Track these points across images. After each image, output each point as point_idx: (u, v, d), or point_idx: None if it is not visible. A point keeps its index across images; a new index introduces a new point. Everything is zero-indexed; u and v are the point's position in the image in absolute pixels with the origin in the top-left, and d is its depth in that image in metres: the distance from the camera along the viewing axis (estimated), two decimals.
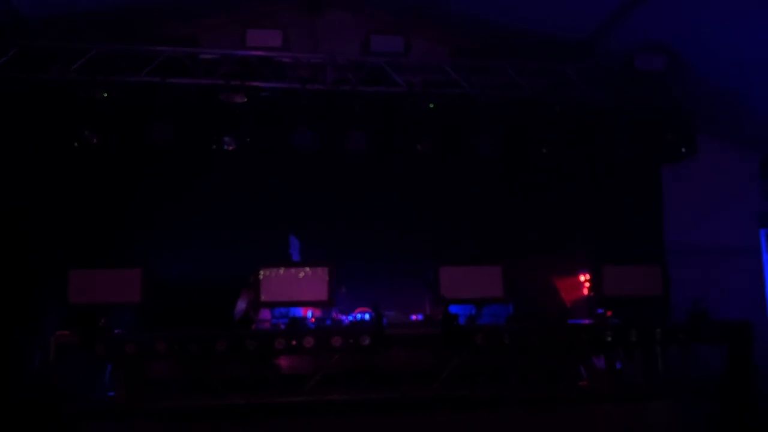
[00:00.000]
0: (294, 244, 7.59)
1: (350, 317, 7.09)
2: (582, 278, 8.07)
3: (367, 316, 6.93)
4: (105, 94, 7.48)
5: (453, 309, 6.18)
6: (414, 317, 7.08)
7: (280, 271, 6.57)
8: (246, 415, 5.96)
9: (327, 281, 6.37)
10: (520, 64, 8.22)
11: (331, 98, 7.97)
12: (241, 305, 6.75)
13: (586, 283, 7.94)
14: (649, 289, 6.71)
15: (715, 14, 7.12)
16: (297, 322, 6.40)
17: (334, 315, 7.04)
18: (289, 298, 6.58)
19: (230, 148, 7.78)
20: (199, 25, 8.23)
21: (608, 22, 7.85)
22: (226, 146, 7.76)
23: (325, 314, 7.01)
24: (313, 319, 6.91)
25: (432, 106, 8.09)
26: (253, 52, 7.76)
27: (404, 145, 8.09)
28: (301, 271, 6.51)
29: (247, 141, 7.81)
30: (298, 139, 7.84)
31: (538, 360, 6.49)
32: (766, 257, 8.93)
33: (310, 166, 8.24)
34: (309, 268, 6.50)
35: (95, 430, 5.86)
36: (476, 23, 8.41)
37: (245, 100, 7.77)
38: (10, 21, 7.21)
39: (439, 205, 8.53)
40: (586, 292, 7.91)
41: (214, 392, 6.00)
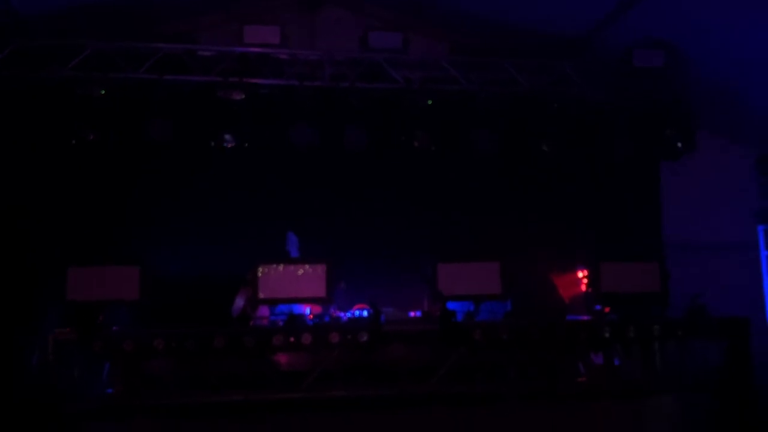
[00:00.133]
0: (292, 241, 7.59)
1: (348, 314, 7.10)
2: (580, 274, 8.07)
3: (365, 313, 6.93)
4: (102, 92, 7.48)
5: (451, 305, 6.20)
6: (412, 314, 7.09)
7: (279, 268, 6.57)
8: (244, 411, 5.96)
9: (325, 278, 6.38)
10: (518, 61, 8.22)
11: (329, 95, 7.96)
12: (239, 302, 6.74)
13: (585, 280, 7.93)
14: (647, 285, 6.71)
15: (713, 11, 7.10)
16: (295, 319, 6.41)
17: (333, 312, 7.05)
18: (287, 295, 6.58)
19: (229, 146, 7.77)
20: (197, 21, 8.21)
21: (607, 19, 7.84)
22: (225, 144, 7.76)
23: (324, 311, 7.02)
24: (311, 316, 6.91)
25: (430, 103, 8.08)
26: (251, 49, 7.75)
27: (403, 142, 8.08)
28: (300, 268, 6.51)
29: (246, 138, 7.81)
30: (296, 136, 7.84)
31: (536, 356, 6.50)
32: (764, 253, 8.94)
33: (309, 163, 8.23)
34: (307, 265, 6.50)
35: (94, 427, 5.87)
36: (475, 20, 8.40)
37: (243, 97, 7.76)
38: (7, 18, 7.18)
39: (438, 202, 8.52)
40: (585, 288, 7.91)
41: (212, 389, 6.01)
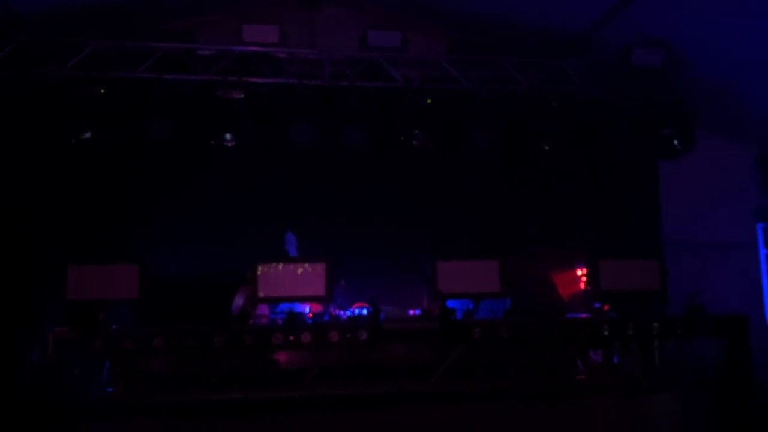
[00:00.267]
0: (291, 241, 7.59)
1: (348, 312, 7.10)
2: (579, 272, 8.08)
3: (364, 312, 6.93)
4: (102, 91, 7.47)
5: (450, 303, 6.20)
6: (412, 312, 7.10)
7: (278, 267, 6.57)
8: (244, 410, 5.96)
9: (324, 277, 6.38)
10: (518, 60, 8.22)
11: (329, 94, 7.96)
12: (238, 301, 6.75)
13: (584, 277, 7.94)
14: (646, 283, 6.72)
15: (712, 9, 7.10)
16: (294, 318, 6.41)
17: (332, 310, 7.06)
18: (286, 294, 6.59)
19: (230, 145, 7.77)
20: (196, 20, 8.20)
21: (606, 18, 7.84)
22: (225, 143, 7.75)
23: (323, 309, 7.03)
24: (310, 315, 6.92)
25: (430, 101, 8.08)
26: (251, 48, 7.75)
27: (402, 141, 8.08)
28: (299, 267, 6.51)
29: (245, 137, 7.81)
30: (295, 135, 7.83)
31: (536, 354, 6.50)
32: (764, 251, 8.94)
33: (308, 162, 8.23)
34: (306, 264, 6.51)
35: (94, 426, 5.86)
36: (473, 18, 8.40)
37: (243, 96, 7.76)
38: (6, 17, 7.18)
39: (437, 200, 8.52)
40: (584, 286, 7.92)
41: (212, 388, 6.01)
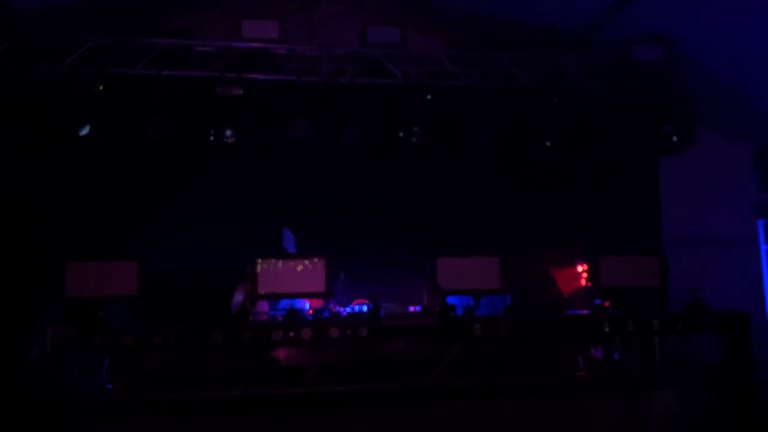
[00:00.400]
0: (288, 238, 7.58)
1: (348, 309, 7.09)
2: (580, 269, 8.06)
3: (365, 308, 6.92)
4: (101, 87, 7.44)
5: (450, 300, 6.19)
6: (412, 308, 7.08)
7: (278, 264, 6.57)
8: (243, 407, 5.96)
9: (324, 273, 6.38)
10: (517, 56, 8.20)
11: (328, 90, 7.94)
12: (238, 297, 6.73)
13: (584, 274, 7.93)
14: (647, 279, 6.73)
15: (712, 5, 7.08)
16: (294, 314, 6.40)
17: (332, 307, 7.04)
18: (286, 290, 6.59)
19: (230, 141, 7.73)
20: (195, 16, 8.17)
21: (606, 14, 7.82)
22: (225, 139, 7.71)
23: (323, 306, 7.01)
24: (310, 311, 6.90)
25: (429, 98, 8.07)
26: (250, 44, 7.72)
27: (401, 138, 8.06)
28: (299, 263, 6.51)
29: (244, 135, 7.77)
30: (295, 132, 7.81)
31: (536, 350, 6.50)
32: (764, 247, 8.93)
33: (308, 160, 8.21)
34: (306, 260, 6.50)
35: (93, 422, 5.86)
36: (473, 15, 8.38)
37: (242, 92, 7.73)
38: (5, 15, 7.15)
39: (437, 196, 8.49)
40: (584, 282, 7.91)
41: (212, 385, 6.00)
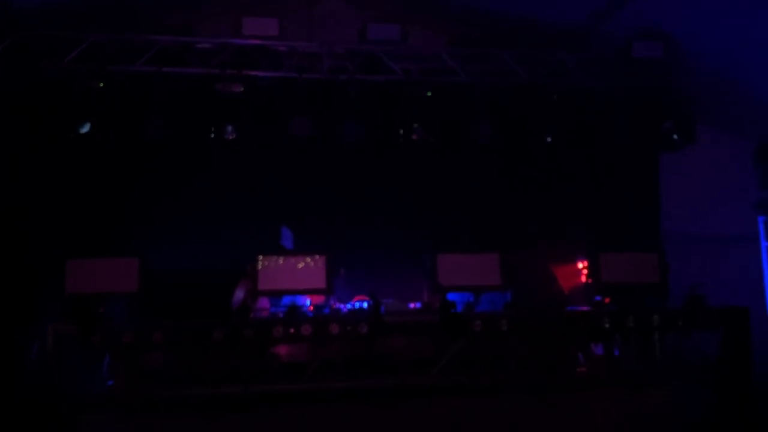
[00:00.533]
0: (286, 234, 7.58)
1: (349, 305, 7.09)
2: (580, 265, 8.07)
3: (365, 305, 6.92)
4: (101, 84, 7.42)
5: (451, 296, 6.20)
6: (412, 305, 7.08)
7: (279, 260, 6.58)
8: (244, 404, 5.97)
9: (325, 269, 6.38)
10: (517, 53, 8.19)
11: (328, 87, 7.93)
12: (239, 294, 6.74)
13: (584, 271, 7.93)
14: (647, 276, 6.73)
15: (713, 3, 7.08)
16: (295, 311, 6.41)
17: (333, 303, 7.05)
18: (287, 287, 6.59)
19: (230, 138, 7.71)
20: (195, 14, 8.15)
21: (606, 10, 7.81)
22: (226, 136, 7.69)
23: (324, 302, 7.02)
24: (311, 308, 6.91)
25: (429, 95, 8.06)
26: (250, 41, 7.71)
27: (402, 135, 8.05)
28: (300, 260, 6.52)
29: (245, 132, 7.75)
30: (295, 129, 7.79)
31: (536, 347, 6.50)
32: (765, 244, 8.93)
33: (308, 158, 8.21)
34: (307, 257, 6.51)
35: (93, 419, 5.87)
36: (473, 11, 8.38)
37: (242, 89, 7.72)
38: (5, 12, 7.13)
39: (437, 192, 8.49)
40: (584, 279, 7.92)
41: (213, 381, 6.01)
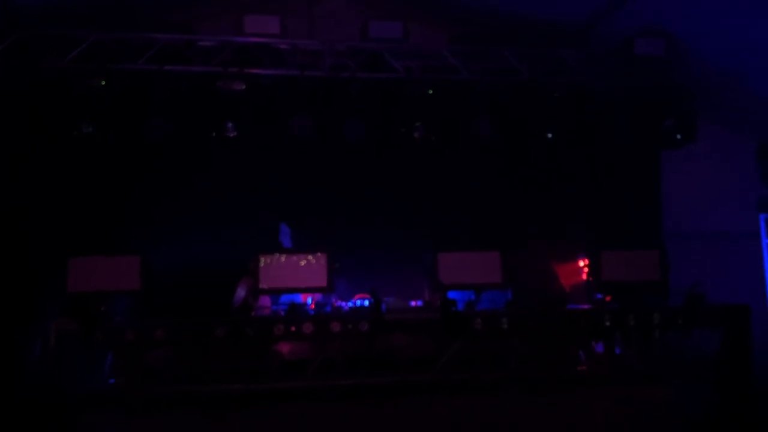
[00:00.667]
0: (284, 232, 7.59)
1: (350, 303, 7.11)
2: (581, 263, 8.06)
3: (366, 303, 6.94)
4: (102, 83, 7.42)
5: (452, 294, 6.21)
6: (413, 303, 7.08)
7: (280, 258, 6.60)
8: (246, 401, 5.99)
9: (326, 267, 6.40)
10: (518, 50, 8.19)
11: (330, 85, 7.94)
12: (240, 292, 6.76)
13: (585, 269, 7.93)
14: (648, 274, 6.74)
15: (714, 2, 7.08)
16: (296, 309, 6.43)
17: (334, 301, 7.06)
18: (288, 285, 6.61)
19: (232, 135, 7.70)
20: (196, 12, 8.15)
21: (608, 7, 7.81)
22: (228, 133, 7.69)
23: (325, 300, 7.03)
24: (312, 306, 6.93)
25: (431, 92, 8.06)
26: (252, 39, 7.71)
27: (403, 133, 8.05)
28: (301, 258, 6.54)
29: (246, 131, 7.75)
30: (296, 127, 7.80)
31: (537, 345, 6.51)
32: (766, 242, 8.93)
33: (309, 157, 8.21)
34: (309, 255, 6.52)
35: (95, 417, 5.89)
36: (474, 9, 8.37)
37: (244, 87, 7.72)
38: (5, 11, 7.13)
39: (438, 191, 8.48)
40: (585, 277, 7.91)
41: (214, 379, 6.03)
